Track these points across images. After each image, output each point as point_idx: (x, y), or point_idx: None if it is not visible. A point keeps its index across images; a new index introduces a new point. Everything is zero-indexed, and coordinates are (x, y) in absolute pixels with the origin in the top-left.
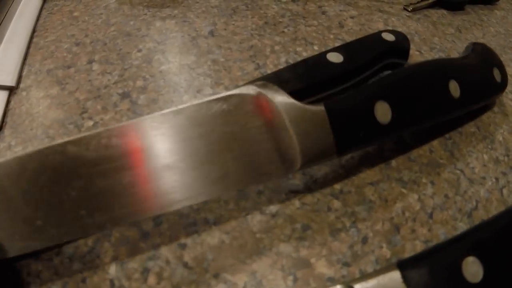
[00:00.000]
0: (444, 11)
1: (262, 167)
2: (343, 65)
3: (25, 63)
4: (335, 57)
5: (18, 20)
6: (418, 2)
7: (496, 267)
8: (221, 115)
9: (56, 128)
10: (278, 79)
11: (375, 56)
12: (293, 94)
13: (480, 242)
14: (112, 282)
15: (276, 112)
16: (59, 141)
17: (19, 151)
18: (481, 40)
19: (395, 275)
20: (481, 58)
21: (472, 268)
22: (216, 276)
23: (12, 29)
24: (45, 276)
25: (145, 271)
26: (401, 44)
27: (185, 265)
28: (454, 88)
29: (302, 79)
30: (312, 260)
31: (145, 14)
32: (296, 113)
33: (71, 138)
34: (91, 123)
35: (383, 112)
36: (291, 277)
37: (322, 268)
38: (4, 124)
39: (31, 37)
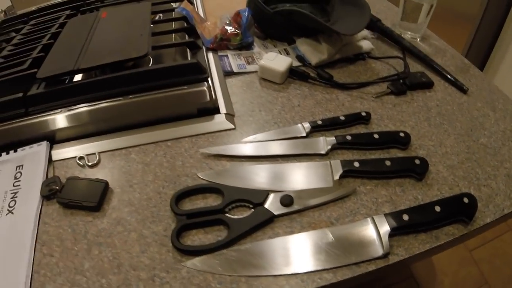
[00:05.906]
0: (393, 96)
1: None
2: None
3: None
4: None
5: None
6: (379, 94)
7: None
8: None
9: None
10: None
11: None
12: None
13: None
14: None
15: None
16: None
17: (247, 133)
18: (404, 109)
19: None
20: None
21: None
22: None
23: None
24: None
25: None
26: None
27: None
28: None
29: None
30: None
31: (276, 91)
32: None
33: None
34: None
35: None
36: None
37: None
38: (235, 127)
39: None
